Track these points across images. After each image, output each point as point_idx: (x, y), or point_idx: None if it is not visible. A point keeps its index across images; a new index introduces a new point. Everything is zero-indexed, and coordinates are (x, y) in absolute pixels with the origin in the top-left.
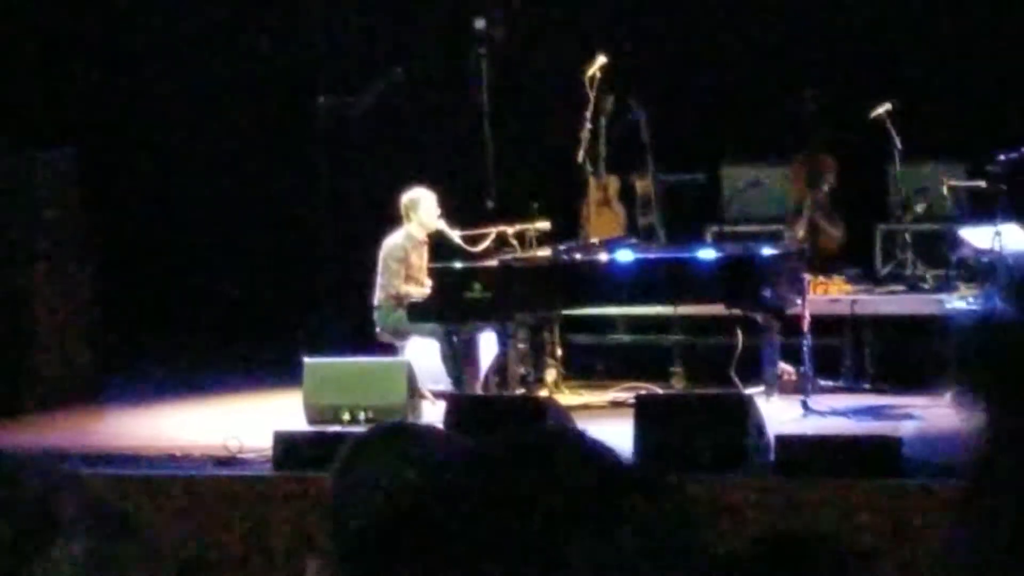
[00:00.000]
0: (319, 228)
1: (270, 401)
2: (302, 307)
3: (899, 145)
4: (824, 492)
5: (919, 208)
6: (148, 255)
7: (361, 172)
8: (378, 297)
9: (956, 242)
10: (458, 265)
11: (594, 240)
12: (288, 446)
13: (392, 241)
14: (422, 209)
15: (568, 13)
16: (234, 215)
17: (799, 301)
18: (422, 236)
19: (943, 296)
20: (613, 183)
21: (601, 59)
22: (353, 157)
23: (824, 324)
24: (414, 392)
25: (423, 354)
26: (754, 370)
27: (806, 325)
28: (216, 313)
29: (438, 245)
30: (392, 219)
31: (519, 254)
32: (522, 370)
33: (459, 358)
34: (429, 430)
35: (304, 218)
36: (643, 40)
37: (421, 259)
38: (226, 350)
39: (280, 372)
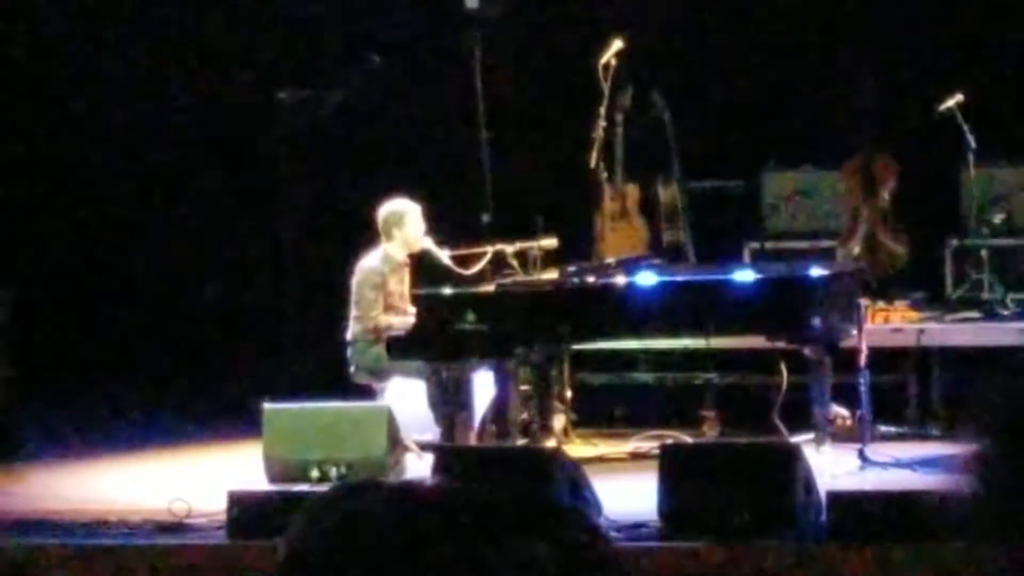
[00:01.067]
0: (281, 249)
1: (223, 455)
2: (261, 343)
3: (973, 144)
4: (886, 560)
5: (997, 219)
6: (75, 281)
7: (331, 181)
8: (352, 330)
9: None
10: (447, 291)
11: (610, 260)
12: (245, 509)
13: (368, 264)
14: (406, 224)
15: None
16: (179, 233)
17: (855, 331)
18: (403, 257)
19: None
20: (632, 192)
21: (617, 44)
22: (321, 163)
23: (885, 358)
24: (396, 443)
25: (407, 398)
26: (802, 414)
27: (863, 360)
28: (157, 350)
29: (423, 268)
30: (368, 237)
31: (520, 277)
32: (524, 416)
33: (449, 402)
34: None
35: (264, 237)
36: (667, 21)
37: (402, 284)
38: (171, 394)
39: (235, 420)
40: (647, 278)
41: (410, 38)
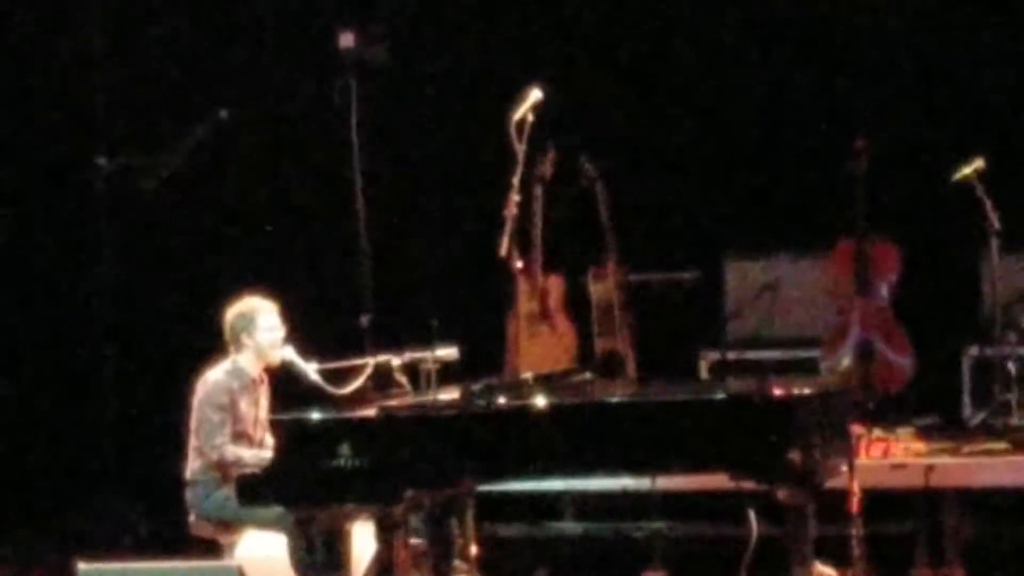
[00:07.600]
0: (98, 358)
1: None
2: (73, 483)
3: (996, 224)
4: None
5: None
6: None
7: (163, 272)
8: (192, 467)
9: None
10: (316, 416)
11: (526, 375)
12: None
13: (212, 378)
14: (258, 328)
15: (484, 24)
16: None
17: (844, 468)
18: (257, 371)
19: None
20: (556, 286)
21: (535, 95)
22: (150, 249)
23: (885, 503)
24: None
25: (262, 555)
26: (777, 575)
27: (856, 505)
28: None
29: (284, 385)
30: (212, 346)
31: (410, 399)
32: None
33: (318, 561)
34: None
35: (78, 341)
36: (600, 65)
37: (256, 407)
38: None
39: None
40: (574, 399)
41: (270, 85)
